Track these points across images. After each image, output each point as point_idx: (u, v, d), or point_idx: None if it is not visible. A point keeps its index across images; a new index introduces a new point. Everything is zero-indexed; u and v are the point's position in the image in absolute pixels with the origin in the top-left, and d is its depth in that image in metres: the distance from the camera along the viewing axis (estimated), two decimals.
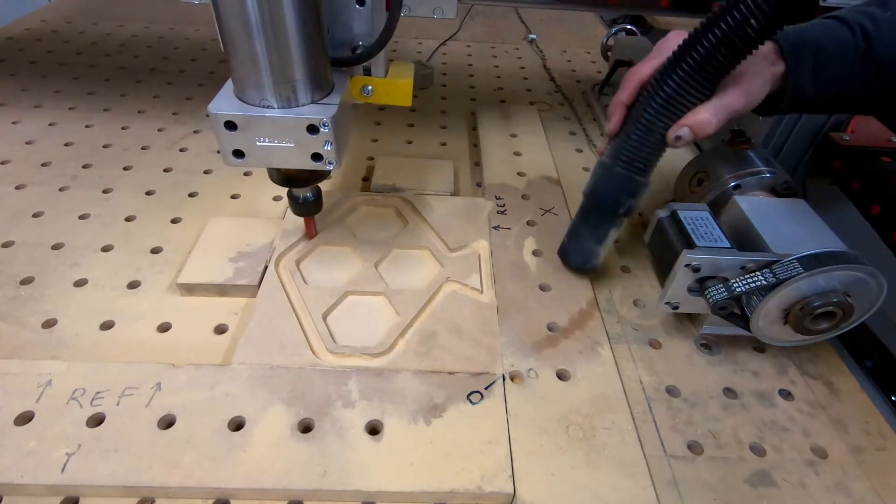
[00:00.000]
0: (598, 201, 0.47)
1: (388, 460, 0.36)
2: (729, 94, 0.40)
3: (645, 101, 0.42)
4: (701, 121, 0.40)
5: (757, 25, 0.35)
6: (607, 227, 0.48)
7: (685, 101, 0.40)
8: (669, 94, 0.40)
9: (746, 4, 0.35)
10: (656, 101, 0.41)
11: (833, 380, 0.46)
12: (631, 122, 0.43)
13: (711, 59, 0.38)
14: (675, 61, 0.39)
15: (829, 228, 0.45)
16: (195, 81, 0.84)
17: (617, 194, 0.45)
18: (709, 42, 0.37)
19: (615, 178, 0.45)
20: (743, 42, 0.36)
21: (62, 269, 0.50)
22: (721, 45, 0.37)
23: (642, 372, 0.45)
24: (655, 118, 0.41)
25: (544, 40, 1.10)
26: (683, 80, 0.39)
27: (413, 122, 0.78)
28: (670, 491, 0.37)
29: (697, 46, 0.38)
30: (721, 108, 0.40)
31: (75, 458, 0.35)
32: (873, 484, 0.38)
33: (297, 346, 0.43)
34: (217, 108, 0.37)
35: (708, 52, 0.37)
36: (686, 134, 0.40)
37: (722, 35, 0.36)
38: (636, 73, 0.43)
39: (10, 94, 0.77)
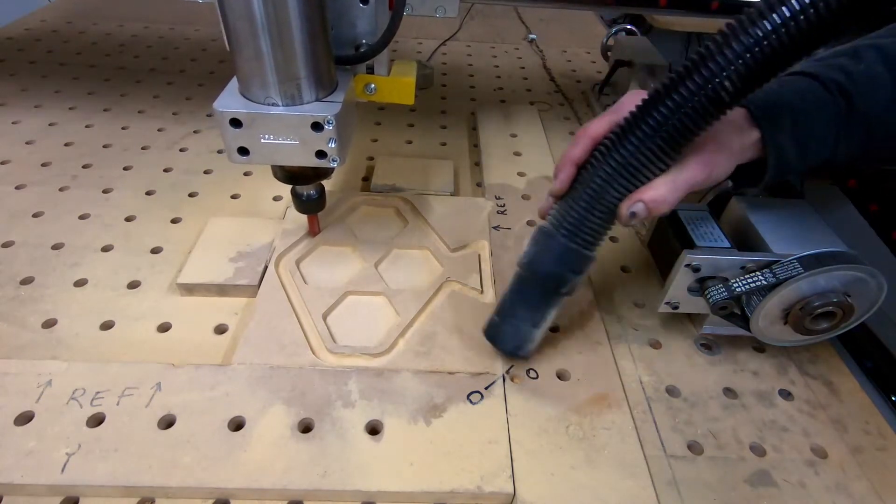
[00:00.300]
0: (539, 277, 0.39)
1: (388, 460, 0.36)
2: (690, 167, 0.36)
3: (596, 164, 0.36)
4: (657, 197, 0.35)
5: (731, 87, 0.30)
6: (547, 309, 0.40)
7: (641, 167, 0.35)
8: (624, 161, 0.35)
9: (717, 63, 0.30)
10: (609, 165, 0.35)
11: (833, 380, 0.46)
12: (580, 186, 0.37)
13: (674, 124, 0.32)
14: (632, 122, 0.34)
15: (829, 228, 0.45)
16: (195, 81, 0.84)
17: (561, 270, 0.38)
18: (672, 104, 0.32)
19: (559, 251, 0.38)
20: (713, 105, 0.31)
21: (62, 269, 0.50)
22: (686, 109, 0.32)
23: (642, 372, 0.45)
24: (606, 185, 0.35)
25: (544, 40, 1.10)
26: (640, 145, 0.34)
27: (413, 122, 0.78)
28: (670, 491, 0.37)
29: (659, 107, 0.32)
30: (680, 183, 0.35)
31: (75, 458, 0.35)
32: (873, 484, 0.38)
33: (297, 346, 0.43)
34: (222, 106, 0.37)
35: (671, 115, 0.32)
36: (641, 210, 0.35)
37: (688, 97, 0.31)
38: (588, 129, 0.38)
39: (10, 94, 0.77)
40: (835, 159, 0.40)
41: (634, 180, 0.35)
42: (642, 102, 0.34)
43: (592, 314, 0.49)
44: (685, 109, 0.32)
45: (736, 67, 0.30)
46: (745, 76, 0.30)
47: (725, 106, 0.32)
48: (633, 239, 0.58)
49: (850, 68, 0.39)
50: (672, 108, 0.32)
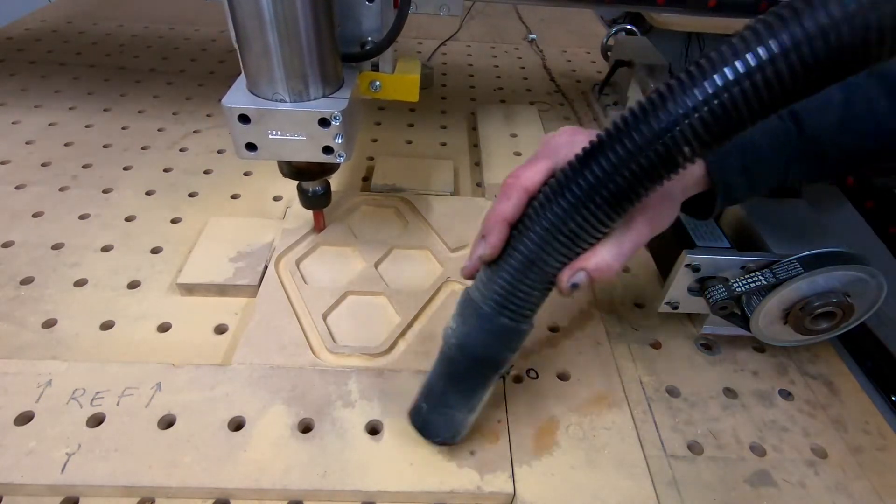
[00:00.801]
0: (472, 361, 0.33)
1: (388, 460, 0.36)
2: (636, 227, 0.32)
3: (528, 225, 0.30)
4: (602, 265, 0.31)
5: (689, 152, 0.25)
6: (483, 393, 0.35)
7: (582, 232, 0.29)
8: (561, 223, 0.29)
9: (678, 118, 0.25)
10: (543, 227, 0.30)
11: (833, 380, 0.46)
12: (510, 251, 0.31)
13: (621, 185, 0.27)
14: (571, 177, 0.28)
15: (830, 228, 0.45)
16: (195, 81, 0.84)
17: (498, 351, 0.33)
18: (619, 160, 0.26)
19: (493, 329, 0.32)
20: (666, 167, 0.26)
21: (62, 269, 0.50)
22: (636, 169, 0.26)
23: (642, 372, 0.45)
24: (541, 251, 0.30)
25: (544, 40, 1.10)
26: (580, 206, 0.28)
27: (413, 122, 0.78)
28: (670, 491, 0.37)
29: (603, 162, 0.27)
30: (627, 246, 0.32)
31: (75, 458, 0.35)
32: (873, 484, 0.38)
33: (297, 346, 0.43)
34: (231, 102, 0.38)
35: (616, 174, 0.27)
36: (583, 280, 0.31)
37: (638, 155, 0.26)
38: (520, 179, 0.31)
39: (10, 94, 0.77)
40: (786, 184, 0.38)
41: (574, 246, 0.30)
42: (582, 155, 0.29)
43: (592, 314, 0.49)
44: (633, 170, 0.26)
45: (700, 129, 0.25)
46: (707, 141, 0.25)
47: (679, 168, 0.27)
48: None
49: None
50: (618, 167, 0.27)
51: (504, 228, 0.31)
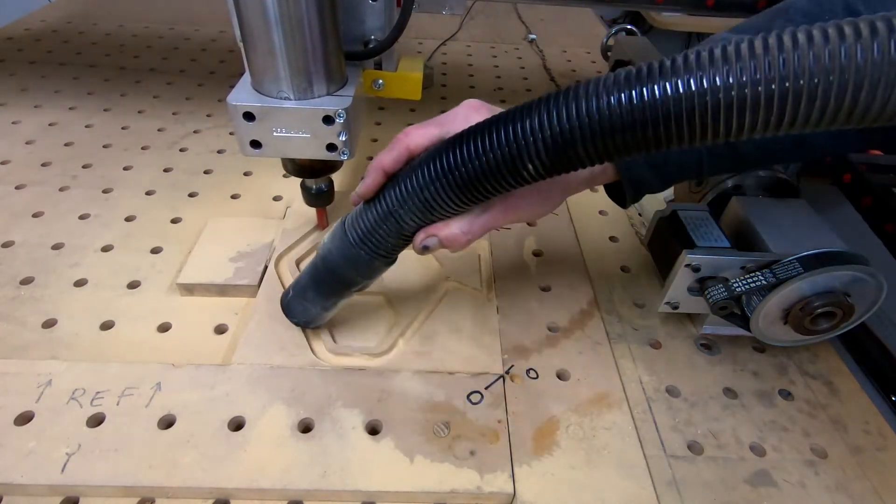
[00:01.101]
0: (330, 274, 0.38)
1: (388, 460, 0.36)
2: (491, 212, 0.35)
3: (397, 181, 0.34)
4: (451, 236, 0.34)
5: (533, 170, 0.28)
6: (336, 300, 0.41)
7: (436, 205, 0.32)
8: (419, 190, 0.32)
9: (526, 139, 0.27)
10: (405, 189, 0.33)
11: (833, 380, 0.46)
12: (380, 198, 0.35)
13: (471, 177, 0.30)
14: (434, 155, 0.31)
15: (829, 228, 0.45)
16: (195, 81, 0.84)
17: (351, 274, 0.38)
18: (474, 155, 0.29)
19: (351, 256, 0.37)
20: (513, 177, 0.29)
21: (62, 269, 0.50)
22: (486, 169, 0.29)
23: (642, 372, 0.45)
24: (400, 208, 0.33)
25: (544, 40, 1.10)
26: (436, 182, 0.31)
27: (413, 122, 0.77)
28: (670, 491, 0.37)
29: (461, 152, 0.29)
30: (477, 227, 0.35)
31: (75, 458, 0.35)
32: (873, 484, 0.38)
33: (297, 346, 0.43)
34: (236, 100, 0.38)
35: (469, 166, 0.29)
36: (434, 245, 0.35)
37: (490, 158, 0.28)
38: (408, 136, 0.35)
39: (10, 94, 0.77)
40: (703, 174, 0.39)
41: (429, 213, 0.33)
42: (450, 139, 0.31)
43: (592, 314, 0.49)
44: (483, 168, 0.29)
45: (542, 154, 0.27)
46: (552, 165, 0.27)
47: (527, 182, 0.29)
48: (633, 239, 0.58)
49: None
50: (471, 160, 0.29)
51: (379, 176, 0.35)
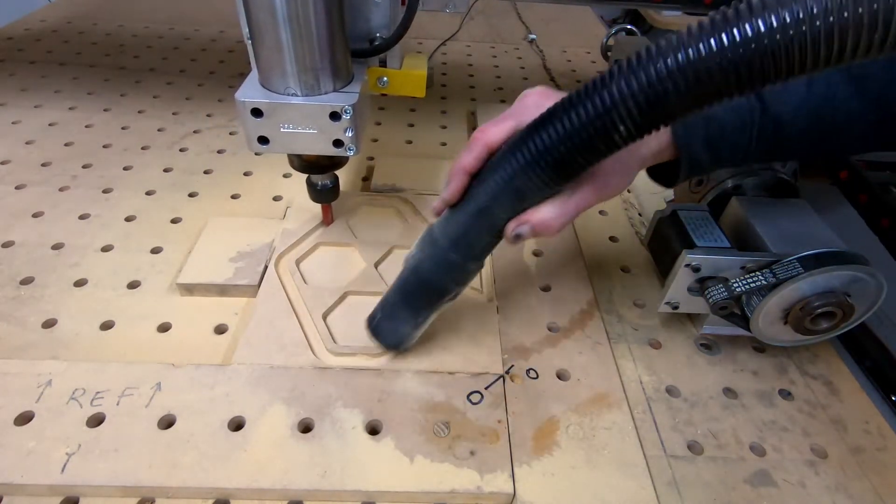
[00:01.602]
0: (423, 285, 0.39)
1: (388, 460, 0.36)
2: (581, 193, 0.35)
3: (484, 178, 0.34)
4: (544, 221, 0.34)
5: (625, 132, 0.28)
6: (429, 313, 0.40)
7: (528, 191, 0.33)
8: (510, 180, 0.32)
9: (615, 102, 0.27)
10: (495, 182, 0.33)
11: (833, 380, 0.46)
12: (468, 199, 0.35)
13: (563, 155, 0.30)
14: (522, 141, 0.31)
15: (829, 228, 0.45)
16: (195, 81, 0.84)
17: (445, 282, 0.38)
18: (563, 132, 0.29)
19: (444, 263, 0.37)
20: (605, 144, 0.29)
21: (62, 269, 0.50)
22: (577, 143, 0.29)
23: (642, 372, 0.45)
24: (491, 202, 0.34)
25: (544, 40, 1.10)
26: (527, 168, 0.31)
27: (413, 122, 0.78)
28: (670, 491, 0.37)
29: (550, 132, 0.30)
30: (570, 208, 0.35)
31: (75, 458, 0.35)
32: (873, 484, 0.38)
33: (297, 346, 0.43)
34: (244, 96, 0.39)
35: (560, 145, 0.29)
36: (527, 233, 0.35)
37: (580, 130, 0.28)
38: (485, 134, 0.35)
39: (10, 94, 0.77)
40: (748, 159, 0.40)
41: (521, 202, 0.34)
42: (533, 123, 0.31)
43: (592, 314, 0.49)
44: (575, 143, 0.29)
45: (635, 109, 0.27)
46: (644, 122, 0.27)
47: (619, 147, 0.29)
48: (633, 239, 0.58)
49: None
50: (561, 139, 0.29)
51: (463, 177, 0.35)
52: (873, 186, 0.55)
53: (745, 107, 0.38)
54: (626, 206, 0.63)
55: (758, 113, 0.38)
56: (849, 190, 0.58)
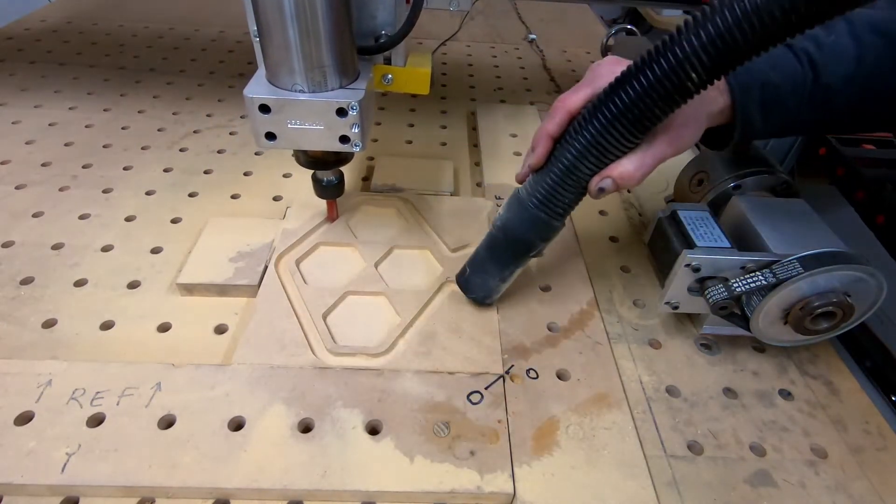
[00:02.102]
0: (510, 241, 0.42)
1: (388, 460, 0.36)
2: (657, 144, 0.37)
3: (569, 140, 0.37)
4: (625, 173, 0.37)
5: (697, 79, 0.31)
6: (514, 268, 0.44)
7: (610, 147, 0.36)
8: (593, 138, 0.36)
9: (686, 53, 0.30)
10: (579, 142, 0.37)
11: (833, 380, 0.46)
12: (553, 160, 0.39)
13: (642, 108, 0.33)
14: (603, 101, 0.35)
15: (829, 228, 0.45)
16: (195, 81, 0.84)
17: (530, 237, 0.42)
18: (641, 88, 0.33)
19: (531, 220, 0.41)
20: (679, 93, 0.32)
21: (62, 269, 0.50)
22: (654, 95, 0.32)
23: (642, 372, 0.45)
24: (577, 162, 0.37)
25: (544, 40, 1.10)
26: (608, 125, 0.35)
27: (413, 122, 0.78)
28: (670, 491, 0.37)
29: (628, 90, 0.33)
30: (648, 160, 0.37)
31: (75, 458, 0.35)
32: (873, 484, 0.38)
33: (297, 346, 0.43)
34: (252, 93, 0.39)
35: (635, 103, 0.33)
36: (609, 186, 0.38)
37: (656, 84, 0.32)
38: (565, 102, 0.39)
39: (10, 94, 0.77)
40: (796, 126, 0.43)
41: (604, 158, 0.37)
42: (611, 84, 0.35)
43: (592, 314, 0.49)
44: (652, 96, 0.33)
45: (704, 57, 0.30)
46: (712, 67, 0.31)
47: (692, 94, 0.33)
48: (633, 239, 0.58)
49: (821, 39, 0.40)
50: (639, 93, 0.33)
51: (548, 142, 0.39)
52: (870, 183, 0.55)
53: (799, 73, 0.40)
54: (626, 206, 0.63)
55: (810, 80, 0.40)
56: (845, 186, 0.58)
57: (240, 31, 1.01)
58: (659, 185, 0.64)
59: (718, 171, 0.51)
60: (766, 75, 0.40)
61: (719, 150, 0.45)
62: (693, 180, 0.54)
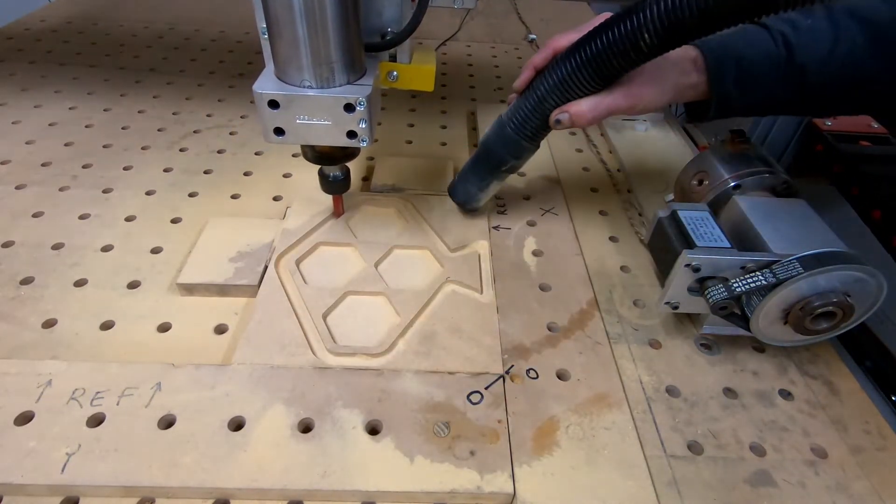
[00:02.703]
0: (488, 155, 0.50)
1: (388, 460, 0.36)
2: (615, 95, 0.42)
3: (545, 75, 0.43)
4: (579, 112, 0.42)
5: (650, 41, 0.36)
6: (490, 179, 0.52)
7: (575, 88, 0.42)
8: (562, 78, 0.42)
9: (641, 20, 0.35)
10: (551, 79, 0.43)
11: (833, 380, 0.46)
12: (531, 90, 0.45)
13: (603, 60, 0.39)
14: (575, 48, 0.41)
15: (829, 228, 0.45)
16: (195, 81, 0.84)
17: (503, 153, 0.49)
18: (602, 43, 0.38)
19: (505, 138, 0.48)
20: (635, 52, 0.37)
21: (62, 269, 0.50)
22: (614, 50, 0.38)
23: (642, 372, 0.45)
24: (547, 94, 0.43)
25: (544, 40, 1.09)
26: (575, 69, 0.41)
27: (413, 122, 0.78)
28: (670, 491, 0.37)
29: (593, 43, 0.39)
30: (601, 105, 0.42)
31: (75, 458, 0.35)
32: (873, 484, 0.38)
33: (297, 346, 0.43)
34: (261, 88, 0.40)
35: (599, 53, 0.39)
36: (565, 119, 0.43)
37: (613, 42, 0.37)
38: (554, 41, 0.44)
39: (10, 94, 0.77)
40: (773, 104, 0.45)
41: (567, 95, 0.43)
42: (585, 35, 0.40)
43: (592, 314, 0.49)
44: (612, 50, 0.38)
45: (657, 24, 0.35)
46: (664, 35, 0.35)
47: (646, 55, 0.37)
48: (633, 239, 0.58)
49: (798, 22, 0.42)
50: (602, 47, 0.38)
51: (531, 72, 0.45)
52: (866, 179, 0.56)
53: (774, 53, 0.42)
54: (626, 206, 0.63)
55: (784, 59, 0.42)
56: (842, 183, 0.59)
57: (240, 31, 1.01)
58: (659, 185, 0.64)
59: (718, 171, 0.51)
60: (741, 52, 0.43)
61: (699, 122, 0.49)
62: (693, 180, 0.54)
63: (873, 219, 0.54)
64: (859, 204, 0.57)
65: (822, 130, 0.62)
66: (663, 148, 0.73)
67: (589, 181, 0.67)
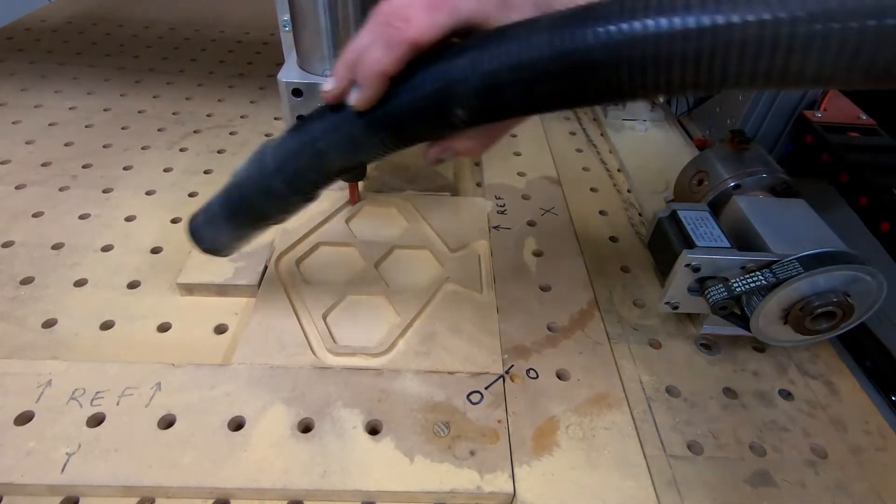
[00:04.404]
0: (246, 207, 0.36)
1: (388, 460, 0.36)
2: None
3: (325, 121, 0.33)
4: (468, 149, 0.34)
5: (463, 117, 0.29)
6: (247, 231, 0.39)
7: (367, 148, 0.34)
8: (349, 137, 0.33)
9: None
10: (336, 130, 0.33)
11: (833, 380, 0.46)
12: (300, 130, 0.34)
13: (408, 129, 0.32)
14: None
15: (829, 228, 0.45)
16: (195, 81, 0.84)
17: (268, 209, 0.36)
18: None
19: (274, 193, 0.34)
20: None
21: (62, 269, 0.50)
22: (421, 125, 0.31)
23: (642, 372, 0.45)
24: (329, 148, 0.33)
25: None
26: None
27: None
28: (670, 491, 0.37)
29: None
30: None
31: (75, 458, 0.35)
32: (873, 484, 0.38)
33: (297, 346, 0.43)
34: (285, 77, 0.42)
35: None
36: (449, 156, 0.35)
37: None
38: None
39: (10, 94, 0.77)
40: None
41: (357, 154, 0.34)
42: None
43: (592, 314, 0.49)
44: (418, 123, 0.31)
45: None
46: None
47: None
48: (633, 239, 0.58)
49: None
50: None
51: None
52: (853, 167, 0.56)
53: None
54: (626, 206, 0.63)
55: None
56: (830, 172, 0.59)
57: (240, 31, 1.01)
58: (659, 185, 0.64)
59: (718, 171, 0.51)
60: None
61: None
62: (693, 180, 0.54)
63: (860, 206, 0.55)
64: (849, 192, 0.57)
65: (811, 122, 0.64)
66: (663, 148, 0.73)
67: (589, 181, 0.67)
